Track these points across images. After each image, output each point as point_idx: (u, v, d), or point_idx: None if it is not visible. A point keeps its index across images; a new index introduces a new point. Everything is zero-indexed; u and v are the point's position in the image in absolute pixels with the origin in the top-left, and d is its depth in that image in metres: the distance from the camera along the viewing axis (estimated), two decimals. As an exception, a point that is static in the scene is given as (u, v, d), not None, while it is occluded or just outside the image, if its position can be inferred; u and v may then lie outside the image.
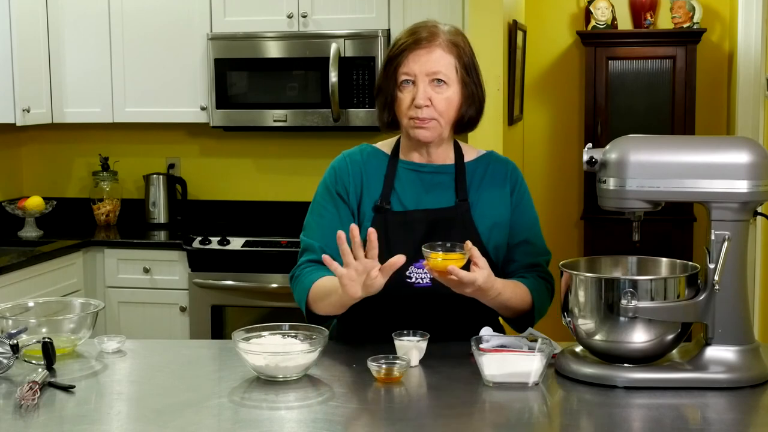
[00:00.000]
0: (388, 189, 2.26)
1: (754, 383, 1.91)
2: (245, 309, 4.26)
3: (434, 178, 2.28)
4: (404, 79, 2.19)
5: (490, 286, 2.05)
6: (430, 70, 2.17)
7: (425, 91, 2.17)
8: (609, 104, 5.23)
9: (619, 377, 1.91)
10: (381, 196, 2.26)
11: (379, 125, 2.32)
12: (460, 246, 2.03)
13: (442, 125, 2.22)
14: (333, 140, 4.65)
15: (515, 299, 2.17)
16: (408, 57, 2.18)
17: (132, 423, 1.80)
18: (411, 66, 2.17)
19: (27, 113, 4.35)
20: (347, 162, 2.32)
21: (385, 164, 2.30)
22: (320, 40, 4.33)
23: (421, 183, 2.28)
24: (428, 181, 2.28)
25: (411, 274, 2.19)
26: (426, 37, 2.18)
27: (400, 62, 2.19)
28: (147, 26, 4.56)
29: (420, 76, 2.17)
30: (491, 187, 2.29)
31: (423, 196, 2.27)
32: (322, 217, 2.30)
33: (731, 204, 1.91)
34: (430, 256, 2.01)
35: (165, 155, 4.96)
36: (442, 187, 2.27)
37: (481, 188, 2.28)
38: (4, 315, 2.19)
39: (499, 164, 2.33)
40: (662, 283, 1.94)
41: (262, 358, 1.95)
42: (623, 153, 1.94)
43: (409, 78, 2.18)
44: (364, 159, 2.32)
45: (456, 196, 2.26)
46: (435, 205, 2.25)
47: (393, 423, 1.77)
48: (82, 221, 4.90)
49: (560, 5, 5.52)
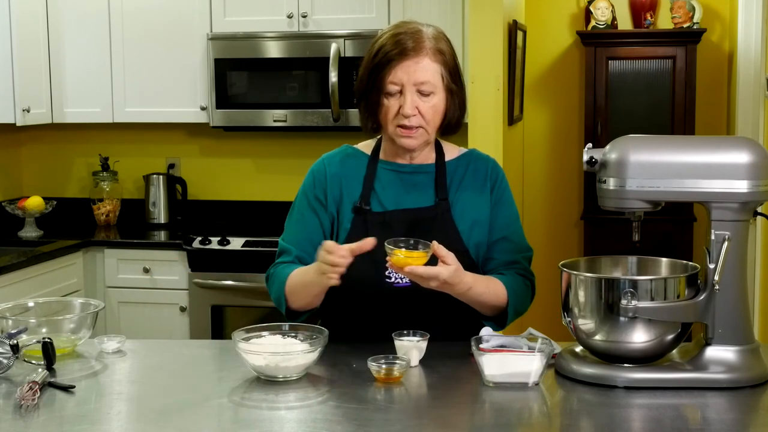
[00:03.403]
0: (368, 190, 2.26)
1: (754, 383, 1.91)
2: (245, 309, 4.26)
3: (414, 178, 2.28)
4: (391, 89, 2.18)
5: (458, 280, 2.05)
6: (418, 80, 2.16)
7: (413, 101, 2.16)
8: (609, 104, 5.23)
9: (619, 377, 1.92)
10: (360, 198, 2.26)
11: (363, 130, 2.32)
12: (424, 243, 2.03)
13: (429, 132, 2.22)
14: (333, 140, 4.61)
15: (488, 294, 2.15)
16: (395, 67, 2.15)
17: (132, 423, 1.80)
18: (399, 76, 2.15)
19: (27, 113, 4.35)
20: (325, 166, 2.34)
21: (364, 165, 2.30)
22: (320, 40, 4.33)
23: (401, 183, 2.28)
24: (408, 181, 2.28)
25: (390, 274, 2.18)
26: (413, 48, 2.16)
27: (387, 72, 2.16)
28: (147, 26, 4.56)
29: (407, 85, 2.16)
30: (472, 185, 2.28)
31: (403, 197, 2.27)
32: (299, 222, 2.33)
33: (731, 204, 1.91)
34: (393, 253, 2.01)
35: (165, 155, 4.96)
36: (422, 187, 2.27)
37: (461, 187, 2.28)
38: (4, 315, 2.19)
39: (479, 162, 2.33)
40: (662, 283, 1.94)
41: (262, 358, 1.95)
42: (623, 153, 1.94)
43: (396, 87, 2.17)
44: (344, 161, 2.32)
45: (436, 196, 2.26)
46: (415, 204, 2.25)
47: (393, 423, 1.77)
48: (82, 221, 4.90)
49: (560, 5, 5.52)
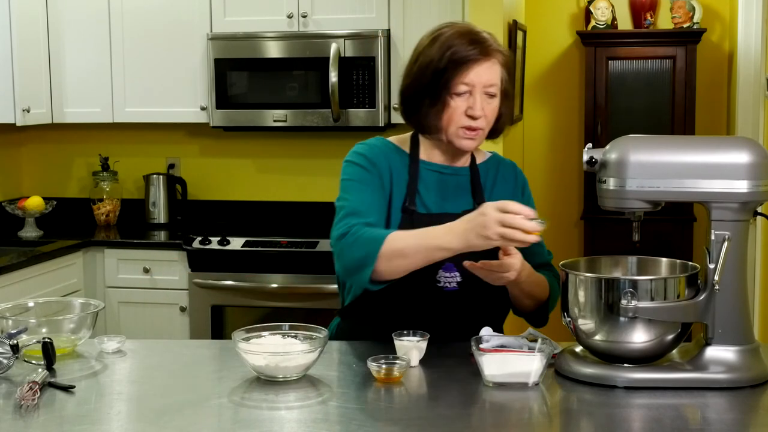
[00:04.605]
0: (413, 190, 2.23)
1: (754, 383, 1.91)
2: (245, 309, 4.26)
3: (453, 180, 2.27)
4: (461, 89, 2.15)
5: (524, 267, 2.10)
6: (488, 82, 2.15)
7: (482, 102, 2.16)
8: (609, 104, 5.23)
9: (619, 377, 1.91)
10: (407, 198, 2.23)
11: (414, 127, 2.25)
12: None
13: (485, 134, 2.22)
14: (333, 140, 4.65)
15: (533, 278, 2.19)
16: (470, 68, 2.13)
17: (132, 423, 1.80)
18: (471, 77, 2.14)
19: (27, 113, 4.35)
20: (377, 154, 2.25)
21: (406, 163, 2.27)
22: (320, 40, 4.33)
23: (442, 185, 2.26)
24: (448, 183, 2.27)
25: (440, 278, 2.20)
26: (486, 49, 2.15)
27: (459, 72, 2.13)
28: (147, 26, 4.56)
29: (478, 87, 2.15)
30: (502, 189, 2.30)
31: (444, 199, 2.26)
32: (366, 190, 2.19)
33: (731, 204, 1.91)
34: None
35: (165, 155, 4.96)
36: (460, 190, 2.27)
37: (493, 190, 2.30)
38: (4, 315, 2.19)
39: (506, 167, 2.36)
40: (662, 283, 1.94)
41: (262, 358, 1.95)
42: (623, 153, 1.94)
43: (466, 88, 2.15)
44: (389, 156, 2.26)
45: (473, 199, 2.26)
46: (456, 208, 2.23)
47: (393, 423, 1.77)
48: (82, 221, 4.90)
49: (560, 5, 5.52)
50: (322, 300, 4.14)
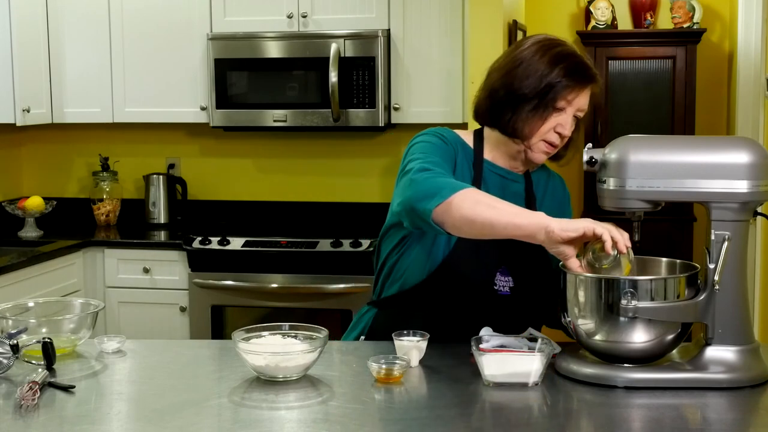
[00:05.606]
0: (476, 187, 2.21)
1: (754, 383, 1.91)
2: (245, 309, 4.26)
3: (513, 186, 2.28)
4: (562, 106, 2.16)
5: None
6: (582, 107, 2.19)
7: (572, 123, 2.19)
8: (609, 104, 5.23)
9: (619, 377, 1.91)
10: None
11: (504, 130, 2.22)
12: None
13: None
14: (333, 140, 4.65)
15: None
16: (578, 90, 2.15)
17: (132, 423, 1.80)
18: (576, 100, 2.16)
19: (27, 113, 4.35)
20: (452, 136, 2.26)
21: (470, 158, 2.27)
22: (320, 40, 4.33)
23: (502, 189, 2.26)
24: (508, 188, 2.27)
25: (496, 281, 2.22)
26: (593, 76, 2.18)
27: (570, 91, 2.14)
28: (147, 26, 4.56)
29: (573, 108, 2.18)
30: (551, 202, 2.34)
31: None
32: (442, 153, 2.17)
33: (731, 204, 1.91)
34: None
35: (165, 155, 4.96)
36: (517, 197, 2.26)
37: (543, 202, 2.32)
38: (4, 315, 2.19)
39: (555, 179, 2.40)
40: (662, 283, 1.94)
41: (262, 358, 1.95)
42: (623, 153, 1.94)
43: (566, 106, 2.16)
44: (458, 149, 2.26)
45: (527, 207, 2.25)
46: None
47: (393, 423, 1.77)
48: (82, 221, 4.90)
49: (560, 5, 5.52)
50: (322, 300, 4.14)
